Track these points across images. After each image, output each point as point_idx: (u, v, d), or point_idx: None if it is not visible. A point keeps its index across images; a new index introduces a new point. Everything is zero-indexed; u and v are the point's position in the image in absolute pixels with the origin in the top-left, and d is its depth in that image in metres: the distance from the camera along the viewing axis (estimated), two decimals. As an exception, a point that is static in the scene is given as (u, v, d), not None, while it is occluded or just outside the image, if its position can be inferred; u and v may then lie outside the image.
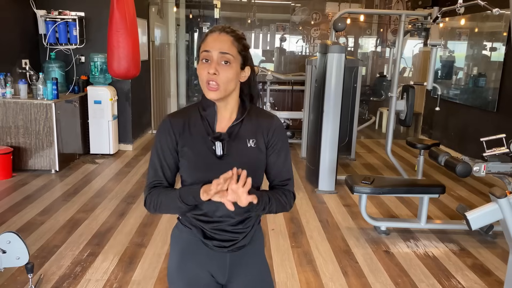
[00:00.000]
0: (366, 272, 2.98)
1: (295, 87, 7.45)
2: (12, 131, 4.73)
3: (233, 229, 1.39)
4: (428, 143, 4.47)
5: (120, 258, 3.03)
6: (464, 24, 6.44)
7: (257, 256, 1.50)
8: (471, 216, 2.12)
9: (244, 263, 1.44)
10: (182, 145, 1.36)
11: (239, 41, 1.34)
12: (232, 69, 1.32)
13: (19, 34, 5.15)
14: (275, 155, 1.41)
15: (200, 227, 1.39)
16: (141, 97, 6.56)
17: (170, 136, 1.36)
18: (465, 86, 6.41)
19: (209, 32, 1.35)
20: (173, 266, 1.46)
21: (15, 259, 2.25)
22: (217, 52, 1.30)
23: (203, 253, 1.41)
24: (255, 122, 1.40)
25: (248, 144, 1.37)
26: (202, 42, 1.34)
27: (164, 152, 1.37)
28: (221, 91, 1.31)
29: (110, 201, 4.12)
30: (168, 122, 1.38)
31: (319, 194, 4.55)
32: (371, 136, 7.95)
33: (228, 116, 1.39)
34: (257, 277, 1.48)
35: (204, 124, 1.37)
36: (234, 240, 1.40)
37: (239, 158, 1.34)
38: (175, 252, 1.47)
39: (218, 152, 1.32)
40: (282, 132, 1.42)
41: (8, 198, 4.08)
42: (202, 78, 1.32)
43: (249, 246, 1.44)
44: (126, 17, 3.67)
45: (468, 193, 4.74)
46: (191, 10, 9.62)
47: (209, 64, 1.30)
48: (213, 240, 1.39)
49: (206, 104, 1.38)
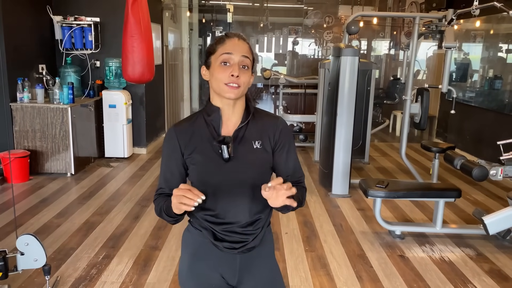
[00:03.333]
0: (381, 276, 2.96)
1: (307, 90, 7.45)
2: (29, 135, 4.81)
3: (243, 231, 1.40)
4: (443, 146, 4.42)
5: (134, 261, 3.06)
6: (479, 26, 6.37)
7: (267, 258, 1.51)
8: (488, 220, 2.09)
9: (254, 264, 1.46)
10: (189, 153, 1.39)
11: (251, 49, 1.41)
12: (249, 73, 1.37)
13: (36, 39, 5.25)
14: (285, 155, 1.44)
15: (211, 229, 1.41)
16: (155, 101, 6.62)
17: (175, 145, 1.40)
18: (480, 88, 6.33)
19: (226, 37, 1.38)
20: (184, 268, 1.49)
21: (33, 261, 2.29)
22: (239, 55, 1.34)
23: (214, 255, 1.43)
24: (260, 124, 1.43)
25: (254, 145, 1.39)
26: (219, 45, 1.37)
27: (170, 161, 1.43)
28: (239, 91, 1.34)
29: (124, 204, 4.16)
30: (173, 131, 1.42)
31: (333, 197, 4.53)
32: (385, 139, 7.89)
33: (235, 120, 1.41)
34: (268, 279, 1.50)
35: (210, 129, 1.39)
36: (244, 242, 1.41)
37: (245, 160, 1.37)
38: (186, 254, 1.50)
39: (224, 155, 1.34)
40: (289, 131, 1.46)
41: (25, 201, 4.15)
42: (221, 79, 1.33)
43: (259, 248, 1.45)
44: (141, 22, 3.71)
45: (484, 197, 4.67)
46: (204, 14, 9.69)
47: (231, 67, 1.33)
48: (224, 242, 1.40)
49: (210, 109, 1.41)
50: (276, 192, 1.20)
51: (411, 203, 4.41)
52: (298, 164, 1.49)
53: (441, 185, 3.91)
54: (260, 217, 1.43)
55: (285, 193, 1.20)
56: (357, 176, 5.10)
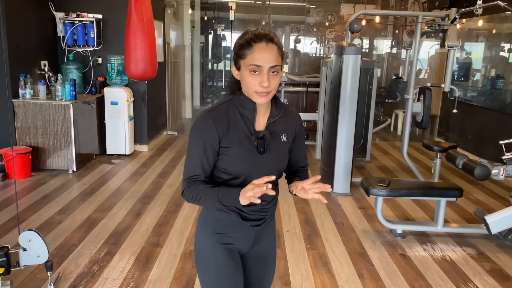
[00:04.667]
0: (382, 275, 2.96)
1: (309, 88, 7.44)
2: (31, 131, 4.81)
3: (263, 208, 1.55)
4: (445, 145, 4.42)
5: (136, 258, 3.06)
6: (482, 25, 6.36)
7: (272, 229, 1.69)
8: (491, 220, 2.09)
9: (263, 235, 1.63)
10: (227, 144, 1.43)
11: (281, 48, 1.41)
12: (279, 76, 1.41)
13: (38, 36, 5.25)
14: (299, 145, 1.63)
15: (238, 210, 1.51)
16: (156, 99, 6.62)
17: (214, 135, 1.42)
18: (482, 88, 6.32)
19: (254, 40, 1.35)
20: (208, 243, 1.55)
21: (35, 257, 2.30)
22: (268, 66, 1.35)
23: (237, 231, 1.54)
24: (285, 119, 1.54)
25: (282, 139, 1.53)
26: (248, 51, 1.36)
27: (206, 149, 1.43)
28: (270, 96, 1.42)
29: (126, 201, 4.17)
30: (211, 121, 1.42)
31: (334, 196, 4.53)
32: (386, 138, 7.89)
33: (263, 113, 1.49)
34: (269, 247, 1.68)
35: (245, 121, 1.46)
36: (264, 218, 1.57)
37: (275, 152, 1.50)
38: (206, 231, 1.56)
39: (260, 149, 1.45)
40: (302, 126, 1.63)
41: (27, 197, 4.15)
42: (251, 87, 1.38)
43: (270, 221, 1.64)
44: (144, 19, 3.71)
45: (485, 197, 4.67)
46: (206, 12, 9.68)
47: (260, 76, 1.36)
48: (250, 221, 1.54)
49: (246, 103, 1.45)
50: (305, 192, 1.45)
51: (413, 202, 4.41)
52: (305, 152, 1.70)
53: (442, 184, 3.92)
54: (276, 195, 1.56)
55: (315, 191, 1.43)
56: (359, 175, 5.10)
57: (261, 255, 1.65)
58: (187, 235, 3.41)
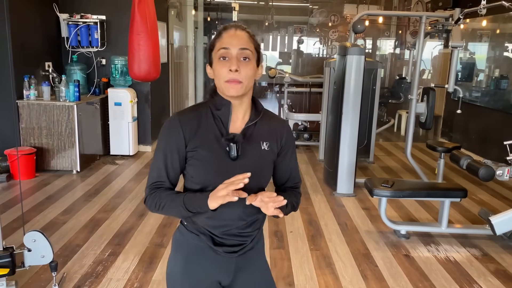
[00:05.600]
0: (386, 276, 2.96)
1: (312, 89, 7.44)
2: (35, 132, 4.83)
3: (242, 233, 1.36)
4: (449, 146, 4.40)
5: (140, 258, 3.07)
6: (486, 25, 6.34)
7: (260, 257, 1.50)
8: (495, 220, 2.08)
9: (248, 264, 1.43)
10: (194, 146, 1.30)
11: (253, 37, 1.32)
12: (251, 65, 1.28)
13: (42, 37, 5.27)
14: (287, 159, 1.43)
15: (209, 233, 1.35)
16: (160, 99, 6.63)
17: (179, 136, 1.30)
18: (486, 88, 6.30)
19: (223, 29, 1.30)
20: (177, 272, 1.41)
21: (40, 257, 2.31)
22: (236, 49, 1.26)
23: (210, 259, 1.37)
24: (268, 126, 1.38)
25: (262, 146, 1.35)
26: (217, 40, 1.30)
27: (171, 152, 1.31)
28: (242, 87, 1.27)
29: (130, 201, 4.18)
30: (178, 121, 1.31)
31: (338, 196, 4.53)
32: (390, 138, 7.88)
33: (241, 117, 1.34)
34: (260, 276, 1.48)
35: (217, 123, 1.31)
36: (242, 244, 1.38)
37: (252, 160, 1.31)
38: (178, 257, 1.41)
39: (232, 153, 1.29)
40: (293, 137, 1.44)
41: (31, 198, 4.17)
42: (221, 76, 1.27)
43: (254, 248, 1.44)
44: (147, 20, 3.72)
45: (490, 197, 4.65)
46: (209, 13, 9.69)
47: (229, 61, 1.26)
48: (223, 246, 1.36)
49: (220, 103, 1.31)
50: (265, 204, 1.24)
51: (416, 202, 4.40)
52: (297, 170, 1.48)
53: (446, 185, 3.91)
54: (258, 217, 1.39)
55: (273, 205, 1.23)
56: (362, 175, 5.10)
57: None
58: (191, 235, 3.40)
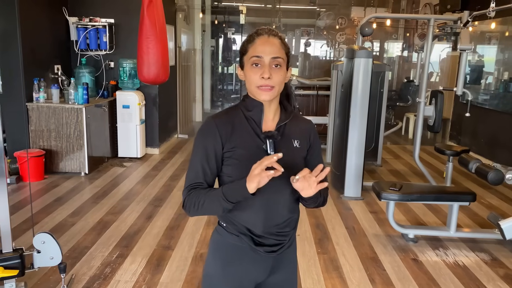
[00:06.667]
0: (394, 280, 2.94)
1: (319, 92, 7.43)
2: (44, 135, 4.88)
3: (280, 232, 1.40)
4: (457, 149, 4.38)
5: (148, 260, 3.08)
6: (495, 27, 6.30)
7: (292, 255, 1.52)
8: (505, 225, 2.07)
9: (283, 262, 1.46)
10: (231, 147, 1.34)
11: (285, 43, 1.36)
12: (283, 71, 1.33)
13: (52, 40, 5.32)
14: (315, 157, 1.47)
15: (249, 233, 1.37)
16: (167, 102, 6.66)
17: (216, 139, 1.34)
18: (495, 91, 6.25)
19: (256, 35, 1.34)
20: (216, 273, 1.43)
21: (49, 259, 2.33)
22: (269, 58, 1.30)
23: (248, 259, 1.40)
24: (296, 125, 1.43)
25: (294, 144, 1.40)
26: (249, 45, 1.34)
27: (208, 155, 1.35)
28: (274, 92, 1.32)
29: (138, 203, 4.20)
30: (214, 124, 1.36)
31: (345, 200, 4.51)
32: (397, 142, 7.84)
33: (272, 117, 1.39)
34: (289, 274, 1.51)
35: (251, 124, 1.36)
36: (281, 243, 1.41)
37: (286, 157, 1.28)
38: (217, 259, 1.43)
39: (269, 150, 1.31)
40: (317, 135, 1.49)
41: (40, 200, 4.20)
42: (252, 81, 1.32)
43: (290, 247, 1.48)
44: (156, 23, 3.74)
45: (499, 201, 4.61)
46: (217, 16, 9.74)
47: (261, 68, 1.31)
48: (263, 246, 1.38)
49: (251, 104, 1.37)
50: (307, 181, 1.24)
51: (424, 206, 4.37)
52: None
53: (455, 189, 3.88)
54: (294, 216, 1.43)
55: (316, 179, 1.24)
56: (370, 179, 5.08)
57: (279, 286, 1.48)
58: (198, 238, 3.42)
